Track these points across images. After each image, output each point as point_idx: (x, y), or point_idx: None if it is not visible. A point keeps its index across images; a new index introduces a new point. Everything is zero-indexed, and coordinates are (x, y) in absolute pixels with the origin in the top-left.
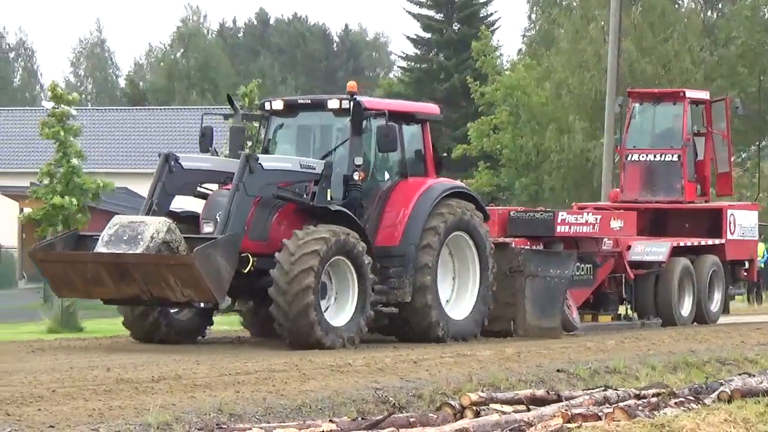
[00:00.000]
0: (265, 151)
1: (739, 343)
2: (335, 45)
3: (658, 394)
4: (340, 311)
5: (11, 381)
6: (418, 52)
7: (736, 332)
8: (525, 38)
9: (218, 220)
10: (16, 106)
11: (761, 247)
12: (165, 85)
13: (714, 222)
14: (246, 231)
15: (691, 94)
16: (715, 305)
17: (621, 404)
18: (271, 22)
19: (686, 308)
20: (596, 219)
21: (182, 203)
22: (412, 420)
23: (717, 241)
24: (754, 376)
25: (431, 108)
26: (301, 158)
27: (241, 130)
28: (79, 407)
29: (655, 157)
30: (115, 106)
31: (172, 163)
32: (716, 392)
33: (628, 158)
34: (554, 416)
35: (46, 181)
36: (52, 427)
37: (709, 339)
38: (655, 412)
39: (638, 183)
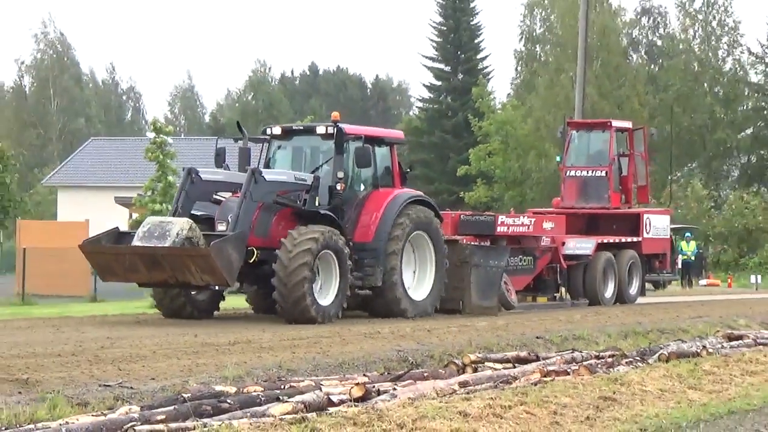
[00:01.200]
0: (267, 167)
1: (674, 317)
2: (368, 90)
3: (613, 356)
4: (325, 293)
5: (122, 345)
6: (432, 96)
7: (673, 309)
8: (512, 85)
9: (230, 220)
10: (127, 136)
11: (692, 244)
12: (240, 120)
13: (634, 224)
14: (251, 229)
15: (616, 123)
16: (633, 289)
17: (585, 363)
18: (320, 72)
19: (609, 291)
20: (531, 221)
21: (201, 208)
22: (425, 374)
23: (635, 239)
24: (685, 342)
25: (397, 134)
26: (295, 172)
27: (247, 150)
28: (173, 364)
29: (587, 173)
30: (201, 136)
31: (194, 176)
32: (657, 354)
33: (567, 174)
34: (534, 372)
35: (149, 193)
36: (153, 379)
37: (652, 313)
38: (611, 369)
39: (575, 193)
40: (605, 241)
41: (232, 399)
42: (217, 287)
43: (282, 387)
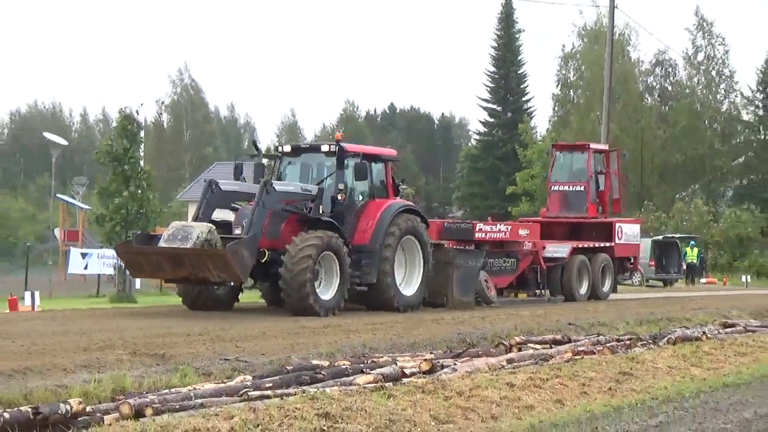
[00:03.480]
0: (279, 180)
1: (680, 308)
2: (436, 124)
3: (630, 339)
4: (327, 289)
5: (238, 327)
6: (486, 130)
7: (678, 302)
8: (550, 121)
9: (244, 225)
10: (243, 161)
11: (695, 250)
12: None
13: (608, 231)
14: (263, 233)
15: (594, 146)
16: (606, 287)
17: (607, 345)
18: (397, 110)
19: (584, 289)
20: (507, 228)
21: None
22: (480, 353)
23: (607, 244)
24: (689, 328)
25: (391, 152)
26: (302, 184)
27: (261, 165)
28: (278, 343)
29: (569, 187)
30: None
31: (214, 186)
32: (666, 338)
33: (552, 188)
34: (566, 351)
35: None
36: (263, 354)
37: (662, 306)
38: (629, 350)
39: (558, 205)
40: (580, 245)
41: (325, 371)
42: (232, 283)
43: (365, 362)
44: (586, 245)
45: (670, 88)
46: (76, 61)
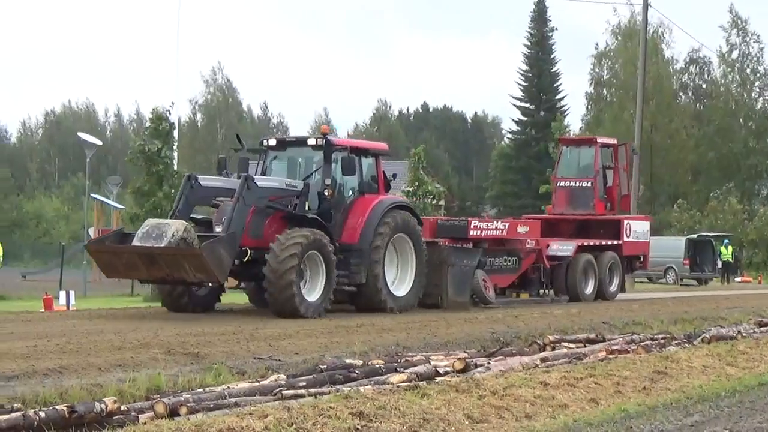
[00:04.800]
0: (264, 175)
1: (714, 307)
2: (469, 123)
3: (665, 338)
4: (312, 290)
5: (272, 326)
6: (519, 129)
7: (714, 300)
8: (583, 120)
9: (224, 222)
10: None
11: (729, 249)
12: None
13: (616, 228)
14: (245, 231)
15: (601, 140)
16: (613, 287)
17: (642, 344)
18: (430, 109)
19: (590, 289)
20: (505, 225)
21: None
22: (514, 351)
23: (615, 242)
24: (724, 327)
25: (382, 145)
26: (286, 179)
27: (245, 160)
28: (312, 342)
29: (576, 183)
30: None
31: (193, 181)
32: (701, 337)
33: (558, 184)
34: (601, 350)
35: None
36: (297, 353)
37: (696, 304)
38: (663, 349)
39: (564, 201)
40: (585, 243)
41: (359, 370)
42: (210, 284)
43: (399, 360)
44: (592, 243)
45: (704, 87)
46: (110, 61)
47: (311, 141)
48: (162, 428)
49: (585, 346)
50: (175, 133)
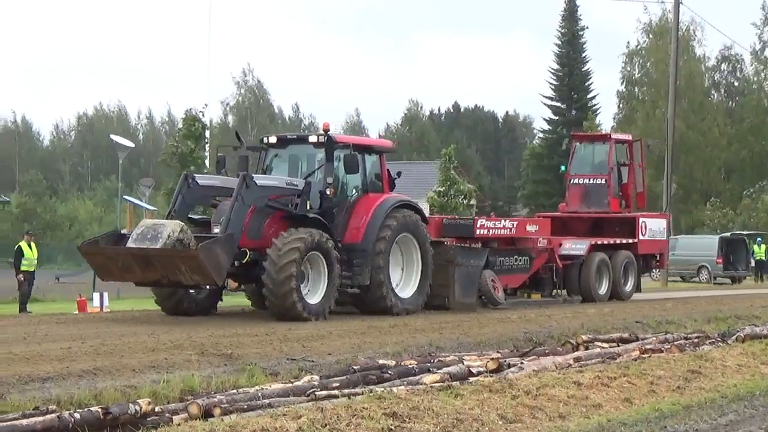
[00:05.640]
0: (264, 173)
1: (749, 305)
2: (500, 123)
3: (698, 337)
4: (314, 292)
5: (305, 327)
6: (550, 128)
7: (748, 299)
8: (615, 119)
9: (222, 223)
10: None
11: (763, 247)
12: (397, 148)
13: (632, 226)
14: (244, 231)
15: (615, 136)
16: (628, 287)
17: (676, 343)
18: (462, 109)
19: (603, 289)
20: (513, 224)
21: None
22: (547, 351)
23: (630, 240)
24: (758, 326)
25: (386, 143)
26: (287, 178)
27: (245, 158)
28: (345, 342)
29: (590, 180)
30: None
31: (190, 181)
32: (735, 336)
33: (571, 181)
34: (634, 350)
35: None
36: (330, 354)
37: (730, 303)
38: (697, 348)
39: (578, 199)
40: (599, 242)
41: (392, 370)
42: (207, 286)
43: (432, 361)
44: (606, 242)
45: (736, 84)
46: (141, 64)
47: (313, 138)
48: (196, 429)
49: (618, 346)
50: (207, 134)
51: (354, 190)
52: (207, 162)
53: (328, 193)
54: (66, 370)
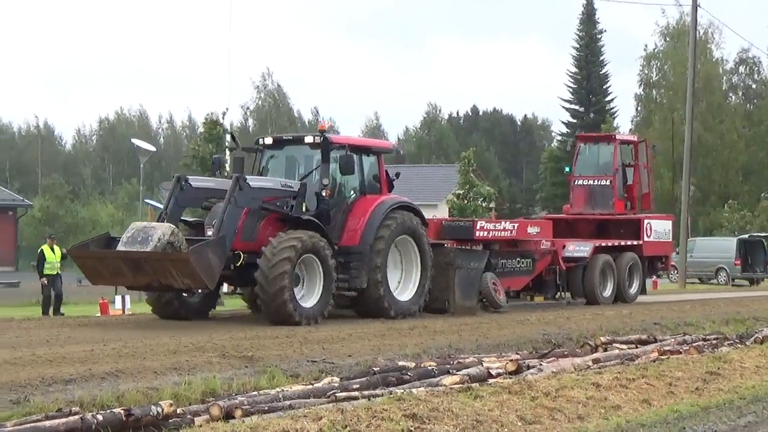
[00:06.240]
0: (260, 175)
1: (767, 307)
2: (518, 126)
3: (717, 338)
4: (309, 296)
5: (325, 329)
6: (569, 131)
7: (765, 301)
8: (633, 122)
9: (214, 225)
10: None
11: None
12: (416, 152)
13: (637, 228)
14: (238, 234)
15: (620, 136)
16: (634, 289)
17: (694, 344)
18: (480, 113)
19: (608, 291)
20: (513, 226)
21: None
22: (565, 353)
23: (635, 242)
24: None
25: (385, 143)
26: (281, 179)
27: (240, 159)
28: (365, 344)
29: (594, 182)
30: (388, 165)
31: (183, 183)
32: (753, 337)
33: (575, 183)
34: (653, 351)
35: None
36: (350, 356)
37: (748, 305)
38: (716, 349)
39: (582, 201)
40: (603, 244)
41: (412, 372)
42: (199, 290)
43: (451, 362)
44: (610, 244)
45: (754, 87)
46: (162, 69)
47: (308, 139)
48: (217, 431)
49: (637, 347)
50: (228, 138)
51: (352, 192)
52: (228, 166)
53: (324, 194)
54: (89, 372)
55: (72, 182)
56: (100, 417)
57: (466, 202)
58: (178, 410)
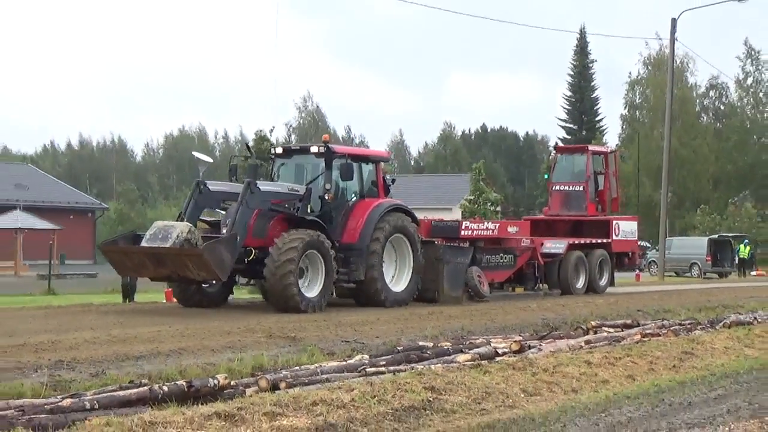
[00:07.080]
0: (271, 180)
1: (734, 297)
2: (521, 142)
3: (691, 323)
4: (312, 287)
5: (355, 314)
6: None
7: (732, 291)
8: (620, 138)
9: (227, 224)
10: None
11: (747, 248)
12: (434, 163)
13: (606, 228)
14: (249, 232)
15: (592, 147)
16: (603, 281)
17: (671, 328)
18: (488, 130)
19: (581, 283)
20: (495, 226)
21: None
22: (561, 335)
23: (605, 240)
24: (742, 314)
25: (382, 153)
26: (290, 184)
27: (254, 166)
28: (390, 328)
29: (569, 187)
30: (407, 174)
31: (202, 187)
32: (722, 322)
33: (554, 188)
34: (636, 334)
35: None
36: (377, 337)
37: (717, 295)
38: (690, 332)
39: (559, 204)
40: (576, 242)
41: (430, 351)
42: (213, 282)
43: (464, 343)
44: (583, 241)
45: (722, 108)
46: (218, 91)
47: (314, 149)
48: (265, 400)
49: (622, 330)
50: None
51: (352, 195)
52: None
53: (327, 198)
54: (156, 350)
55: (141, 188)
56: (165, 388)
57: (476, 206)
58: (232, 382)
